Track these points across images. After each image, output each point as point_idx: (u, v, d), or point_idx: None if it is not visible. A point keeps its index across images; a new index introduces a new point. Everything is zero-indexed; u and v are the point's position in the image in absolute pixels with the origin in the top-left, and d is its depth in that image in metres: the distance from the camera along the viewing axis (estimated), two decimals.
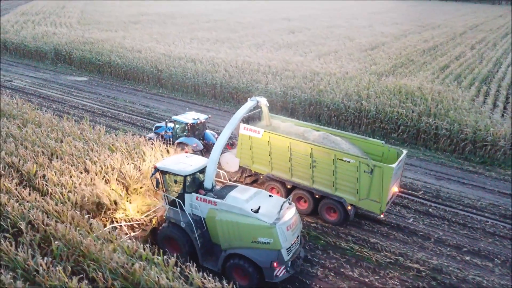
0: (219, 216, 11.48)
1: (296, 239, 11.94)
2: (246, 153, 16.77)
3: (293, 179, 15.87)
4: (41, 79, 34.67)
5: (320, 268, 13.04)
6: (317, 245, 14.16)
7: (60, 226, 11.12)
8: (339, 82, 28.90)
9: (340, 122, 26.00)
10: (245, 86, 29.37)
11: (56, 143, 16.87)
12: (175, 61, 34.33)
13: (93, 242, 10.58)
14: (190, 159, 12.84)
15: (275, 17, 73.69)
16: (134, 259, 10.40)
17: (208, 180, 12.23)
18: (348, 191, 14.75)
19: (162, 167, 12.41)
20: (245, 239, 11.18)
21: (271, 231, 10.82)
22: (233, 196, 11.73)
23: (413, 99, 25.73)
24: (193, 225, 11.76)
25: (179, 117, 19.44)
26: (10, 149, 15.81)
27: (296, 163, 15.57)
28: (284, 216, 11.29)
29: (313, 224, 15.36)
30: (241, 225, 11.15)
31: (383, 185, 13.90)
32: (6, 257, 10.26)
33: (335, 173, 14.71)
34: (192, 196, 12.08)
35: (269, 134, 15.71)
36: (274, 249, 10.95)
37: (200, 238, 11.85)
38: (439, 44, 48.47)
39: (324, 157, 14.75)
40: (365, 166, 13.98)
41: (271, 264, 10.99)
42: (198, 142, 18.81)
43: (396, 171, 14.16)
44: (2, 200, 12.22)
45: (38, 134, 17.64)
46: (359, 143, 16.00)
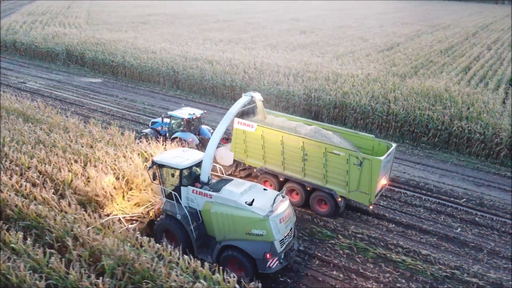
0: (214, 209, 11.74)
1: (290, 232, 12.20)
2: (240, 147, 17.09)
3: (286, 172, 16.20)
4: (55, 80, 33.96)
5: (375, 283, 12.39)
6: (367, 258, 13.50)
7: (108, 241, 10.43)
8: (363, 84, 28.23)
9: (367, 125, 25.32)
10: (266, 88, 28.64)
11: (87, 149, 16.19)
12: (192, 62, 33.63)
13: (147, 259, 9.90)
14: (187, 153, 13.10)
15: (283, 17, 73.04)
16: (193, 277, 9.71)
17: (204, 174, 12.42)
18: (338, 183, 15.12)
19: (159, 160, 12.64)
20: (239, 231, 11.46)
21: (264, 223, 11.11)
22: (228, 190, 11.96)
23: (441, 101, 25.08)
24: (189, 218, 12.03)
25: (175, 112, 19.62)
26: (42, 156, 15.14)
27: (288, 157, 15.92)
28: (277, 209, 11.56)
29: (359, 235, 14.69)
30: (236, 217, 11.44)
31: (372, 177, 14.24)
32: (55, 275, 9.58)
33: (326, 166, 15.07)
34: (188, 189, 12.32)
35: (262, 128, 16.03)
36: (267, 240, 11.23)
37: (196, 230, 12.09)
38: (454, 44, 47.83)
39: (315, 150, 15.09)
40: (354, 159, 14.34)
41: (264, 256, 11.27)
42: (194, 137, 18.99)
43: (385, 163, 14.61)
44: (42, 212, 11.54)
45: (67, 140, 16.96)
46: (350, 137, 16.30)
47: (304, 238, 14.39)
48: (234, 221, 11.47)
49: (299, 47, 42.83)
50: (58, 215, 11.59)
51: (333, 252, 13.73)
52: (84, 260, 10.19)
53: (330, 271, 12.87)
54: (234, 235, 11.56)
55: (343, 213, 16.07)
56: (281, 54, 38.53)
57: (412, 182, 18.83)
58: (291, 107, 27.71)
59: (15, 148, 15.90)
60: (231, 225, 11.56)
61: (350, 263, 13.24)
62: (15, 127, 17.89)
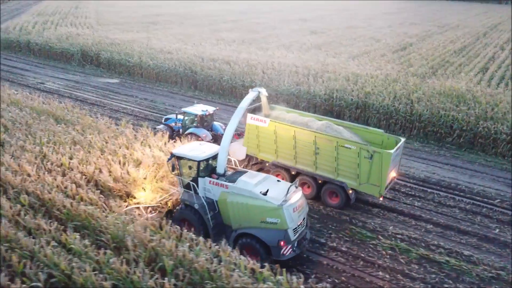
0: (231, 198, 12.23)
1: (302, 221, 12.65)
2: (253, 142, 17.47)
3: (297, 166, 16.59)
4: (73, 81, 33.98)
5: (422, 284, 12.42)
6: (410, 259, 13.51)
7: (166, 242, 10.46)
8: (383, 84, 28.25)
9: (389, 126, 25.31)
10: (286, 89, 28.69)
11: (124, 150, 16.22)
12: (209, 63, 33.65)
13: (208, 260, 9.92)
14: (203, 146, 13.70)
15: (289, 17, 73.03)
16: (253, 279, 9.72)
17: (220, 166, 12.89)
18: (349, 176, 15.54)
19: (178, 153, 13.20)
20: (254, 220, 11.96)
21: (278, 212, 11.60)
22: (243, 180, 12.47)
23: (465, 102, 25.10)
24: (206, 207, 12.47)
25: (189, 108, 20.15)
26: (81, 157, 15.16)
27: (300, 151, 16.31)
28: (290, 199, 12.03)
29: (399, 235, 14.71)
30: (251, 206, 11.93)
31: (382, 170, 14.68)
32: (117, 276, 9.60)
33: (337, 159, 15.53)
34: (205, 180, 12.83)
35: (275, 123, 16.38)
36: (281, 229, 11.71)
37: (213, 219, 12.56)
38: (467, 44, 47.86)
39: (327, 145, 15.52)
40: (365, 152, 14.77)
41: (278, 243, 11.72)
42: (207, 132, 19.53)
43: (395, 157, 15.04)
44: (95, 213, 11.58)
45: (102, 140, 16.99)
46: (360, 132, 16.69)
47: (345, 239, 14.41)
48: (249, 210, 11.97)
49: (312, 48, 42.85)
50: (109, 215, 11.60)
51: (376, 253, 13.75)
52: (143, 260, 10.20)
53: (375, 271, 12.89)
54: (249, 223, 12.08)
55: (379, 214, 16.11)
56: (296, 54, 38.54)
57: (444, 182, 18.86)
58: (311, 107, 27.73)
59: (52, 149, 15.93)
60: (246, 214, 12.07)
61: (394, 263, 13.26)
62: (48, 128, 17.91)
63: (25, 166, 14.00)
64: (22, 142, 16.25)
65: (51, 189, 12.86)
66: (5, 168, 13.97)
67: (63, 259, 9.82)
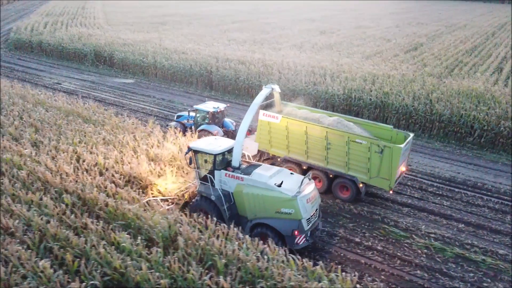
0: (246, 190, 12.71)
1: (315, 212, 13.14)
2: (265, 138, 17.86)
3: (309, 161, 17.04)
4: (88, 81, 34.10)
5: (461, 282, 12.52)
6: (447, 257, 13.61)
7: (215, 240, 10.57)
8: (400, 84, 28.31)
9: (409, 126, 25.42)
10: (303, 89, 28.79)
11: (156, 149, 16.33)
12: (225, 63, 33.73)
13: (260, 258, 10.03)
14: (219, 140, 14.24)
15: (297, 17, 73.14)
16: (309, 278, 9.82)
17: (235, 159, 13.33)
18: (360, 170, 15.98)
19: (195, 147, 13.70)
20: (269, 210, 12.44)
21: (292, 202, 12.05)
22: (258, 173, 12.95)
23: (484, 102, 25.18)
24: (222, 199, 12.99)
25: (201, 106, 20.68)
26: (115, 157, 15.27)
27: (311, 146, 16.72)
28: (304, 190, 12.47)
29: (432, 234, 14.81)
30: (266, 197, 12.41)
31: (392, 164, 15.10)
32: (172, 274, 9.70)
33: (348, 154, 15.94)
34: (221, 173, 13.31)
35: (286, 119, 16.79)
36: (295, 219, 12.18)
37: (228, 210, 13.05)
38: (478, 44, 47.92)
39: (338, 140, 15.93)
40: (375, 147, 15.19)
41: (292, 233, 12.18)
42: (218, 129, 19.94)
43: (404, 151, 15.40)
44: (139, 212, 11.68)
45: (132, 140, 17.10)
46: (369, 128, 17.06)
47: (379, 238, 14.52)
48: (264, 201, 12.46)
49: (324, 48, 42.94)
50: (155, 215, 11.71)
51: (412, 252, 13.85)
52: (194, 259, 10.30)
53: (413, 270, 13.00)
54: (265, 213, 12.58)
55: (410, 213, 16.21)
56: (308, 54, 38.63)
57: (470, 182, 18.95)
58: (329, 107, 27.81)
59: (85, 149, 16.04)
60: (261, 205, 12.55)
61: (431, 262, 13.37)
62: (77, 128, 18.02)
63: (64, 166, 14.09)
64: (55, 142, 16.34)
65: (92, 189, 12.95)
66: (44, 168, 14.06)
67: (117, 258, 9.91)
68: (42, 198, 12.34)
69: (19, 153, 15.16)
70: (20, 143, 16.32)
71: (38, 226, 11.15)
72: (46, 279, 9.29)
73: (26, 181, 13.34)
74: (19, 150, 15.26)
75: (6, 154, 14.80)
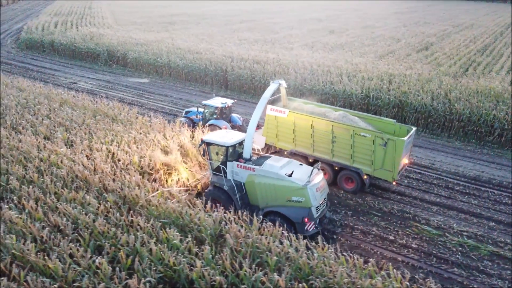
0: (258, 180, 13.34)
1: (323, 201, 13.81)
2: (272, 132, 18.46)
3: (315, 154, 17.64)
4: (104, 81, 34.23)
5: (499, 280, 12.65)
6: (482, 255, 13.73)
7: (263, 238, 10.69)
8: (417, 83, 28.41)
9: (428, 125, 25.56)
10: (320, 88, 28.91)
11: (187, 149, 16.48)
12: (240, 63, 33.85)
13: (312, 257, 10.15)
14: (230, 133, 14.91)
15: (304, 17, 73.27)
16: (361, 275, 9.93)
17: (246, 151, 13.85)
18: (364, 162, 16.56)
19: (208, 139, 14.27)
20: (281, 199, 13.08)
21: (303, 191, 12.67)
22: (269, 164, 13.59)
23: (503, 101, 25.29)
24: (235, 188, 13.66)
25: (209, 101, 21.19)
26: (149, 156, 15.40)
27: (318, 139, 17.32)
28: (313, 180, 13.13)
29: (465, 232, 14.93)
30: (278, 186, 13.03)
31: (395, 156, 15.70)
32: (224, 271, 9.83)
33: (353, 147, 16.52)
34: (233, 164, 13.87)
35: (293, 114, 17.34)
36: (305, 206, 12.82)
37: (240, 200, 13.67)
38: (488, 44, 48.04)
39: (344, 133, 16.50)
40: (379, 140, 15.77)
41: (302, 220, 12.82)
42: (227, 124, 20.53)
43: (407, 144, 15.98)
44: (184, 211, 11.81)
45: (162, 140, 17.23)
46: (373, 122, 17.66)
47: (413, 236, 14.64)
48: (276, 190, 13.07)
49: (336, 47, 43.06)
50: (199, 213, 11.84)
51: (447, 250, 13.97)
52: (243, 256, 10.43)
53: (450, 268, 13.13)
54: (276, 202, 13.21)
55: (440, 211, 16.34)
56: (321, 54, 38.75)
57: (495, 181, 19.07)
58: (347, 106, 27.92)
59: (118, 148, 16.16)
60: (273, 194, 13.17)
61: (467, 260, 13.49)
62: (107, 127, 18.15)
63: (101, 165, 14.22)
64: (88, 141, 16.47)
65: (133, 188, 13.08)
66: (82, 167, 14.18)
67: (170, 255, 10.03)
68: (85, 196, 12.44)
69: (55, 152, 15.27)
70: (53, 142, 16.43)
71: (85, 224, 11.27)
72: (103, 276, 9.41)
73: (66, 180, 13.46)
74: (55, 149, 15.37)
75: (43, 153, 14.92)
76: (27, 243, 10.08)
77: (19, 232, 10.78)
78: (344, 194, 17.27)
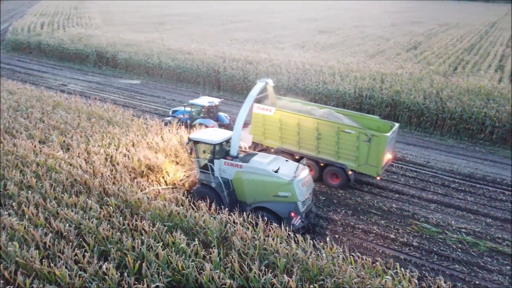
0: (246, 176, 13.52)
1: (309, 195, 14.08)
2: (259, 130, 18.69)
3: (301, 151, 17.96)
4: (94, 82, 33.79)
5: (499, 275, 12.87)
6: (481, 251, 13.94)
7: (270, 239, 10.68)
8: (409, 82, 28.72)
9: (420, 124, 25.88)
10: (314, 88, 29.02)
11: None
12: (232, 63, 33.77)
13: (321, 257, 10.18)
14: (217, 132, 15.12)
15: (300, 17, 73.49)
16: (370, 275, 9.97)
17: (233, 148, 14.06)
18: (349, 158, 16.98)
19: (195, 137, 14.41)
20: (268, 194, 13.32)
21: (289, 186, 12.95)
22: (256, 160, 13.82)
23: (494, 99, 25.73)
24: (222, 185, 13.85)
25: (196, 100, 21.45)
26: (148, 158, 15.25)
27: (304, 137, 17.63)
28: (299, 175, 13.38)
29: (463, 229, 15.14)
30: (265, 182, 13.26)
31: (379, 152, 16.13)
32: (233, 274, 9.78)
33: (338, 144, 16.90)
34: (221, 162, 14.01)
35: (280, 112, 17.67)
36: (291, 201, 13.09)
37: (228, 197, 13.87)
38: (474, 43, 48.87)
39: (329, 130, 16.88)
40: (363, 136, 16.14)
41: (289, 214, 13.12)
42: (214, 122, 20.76)
43: (390, 140, 16.40)
44: (189, 213, 11.73)
45: (161, 142, 17.08)
46: (358, 119, 18.04)
47: (413, 234, 14.80)
48: (263, 185, 13.31)
49: (327, 47, 43.29)
50: (204, 216, 11.77)
51: (447, 247, 14.15)
52: (251, 258, 10.40)
53: (452, 265, 13.30)
54: (263, 198, 13.45)
55: (438, 209, 16.54)
56: (313, 54, 38.91)
57: (489, 178, 19.39)
58: (340, 105, 28.06)
59: (116, 151, 15.97)
60: (260, 189, 13.41)
61: (467, 256, 13.68)
62: (103, 130, 17.91)
63: (101, 168, 14.03)
64: (85, 145, 16.23)
65: (135, 191, 12.93)
66: (81, 171, 13.97)
67: (176, 259, 9.95)
68: (87, 201, 12.26)
69: (51, 156, 15.01)
70: (49, 146, 16.15)
71: (88, 229, 11.10)
72: (111, 282, 9.28)
73: (66, 184, 13.24)
74: (51, 153, 15.12)
75: (40, 157, 14.66)
76: (31, 250, 9.88)
77: (21, 239, 10.56)
78: (344, 193, 17.37)
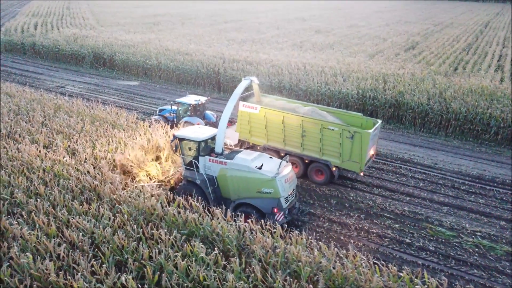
0: (230, 173, 13.72)
1: (292, 192, 14.25)
2: (245, 128, 18.94)
3: (286, 148, 18.27)
4: (92, 84, 33.19)
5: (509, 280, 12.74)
6: (498, 255, 13.77)
7: (293, 248, 10.37)
8: (412, 83, 28.62)
9: (425, 124, 25.76)
10: (316, 89, 28.77)
11: None
12: (232, 64, 33.40)
13: (346, 266, 9.88)
14: (202, 129, 15.24)
15: (288, 16, 73.28)
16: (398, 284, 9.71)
17: (218, 146, 14.18)
18: (333, 155, 17.32)
19: (180, 135, 14.50)
20: (251, 191, 13.52)
21: (272, 183, 13.17)
22: (240, 157, 14.01)
23: (497, 99, 25.70)
24: (207, 182, 13.99)
25: (182, 99, 21.58)
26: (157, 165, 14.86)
27: (288, 134, 17.92)
28: (282, 172, 13.58)
29: (478, 233, 14.98)
30: (248, 179, 13.45)
31: (362, 148, 16.45)
32: (257, 284, 9.45)
33: (322, 140, 17.22)
34: (205, 159, 14.14)
35: (265, 109, 17.95)
36: (274, 197, 13.29)
37: (213, 193, 14.04)
38: (471, 42, 49.05)
39: (313, 127, 17.18)
40: (347, 133, 16.53)
41: (272, 210, 13.29)
42: (200, 120, 20.85)
43: (373, 136, 16.80)
44: (204, 222, 11.37)
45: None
46: (342, 116, 18.38)
47: (429, 238, 14.59)
48: (247, 182, 13.49)
49: (325, 47, 43.10)
50: (221, 223, 11.43)
51: (464, 251, 13.96)
52: (272, 267, 10.08)
53: (471, 270, 13.11)
54: (247, 194, 13.64)
55: (451, 212, 16.37)
56: (312, 54, 38.68)
57: (498, 179, 19.29)
58: (343, 107, 27.86)
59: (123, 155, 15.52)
60: (244, 186, 13.59)
61: (485, 261, 13.51)
62: (108, 133, 17.46)
63: (109, 174, 13.60)
64: (91, 149, 15.77)
65: (148, 199, 12.54)
66: (90, 177, 13.53)
67: (197, 270, 9.59)
68: (99, 208, 11.84)
69: (57, 161, 14.54)
70: (54, 151, 15.67)
71: (102, 238, 10.70)
72: None
73: (75, 191, 12.80)
74: (58, 159, 14.64)
75: (46, 163, 14.18)
76: (46, 262, 9.45)
77: (33, 249, 10.12)
78: (355, 196, 17.13)
